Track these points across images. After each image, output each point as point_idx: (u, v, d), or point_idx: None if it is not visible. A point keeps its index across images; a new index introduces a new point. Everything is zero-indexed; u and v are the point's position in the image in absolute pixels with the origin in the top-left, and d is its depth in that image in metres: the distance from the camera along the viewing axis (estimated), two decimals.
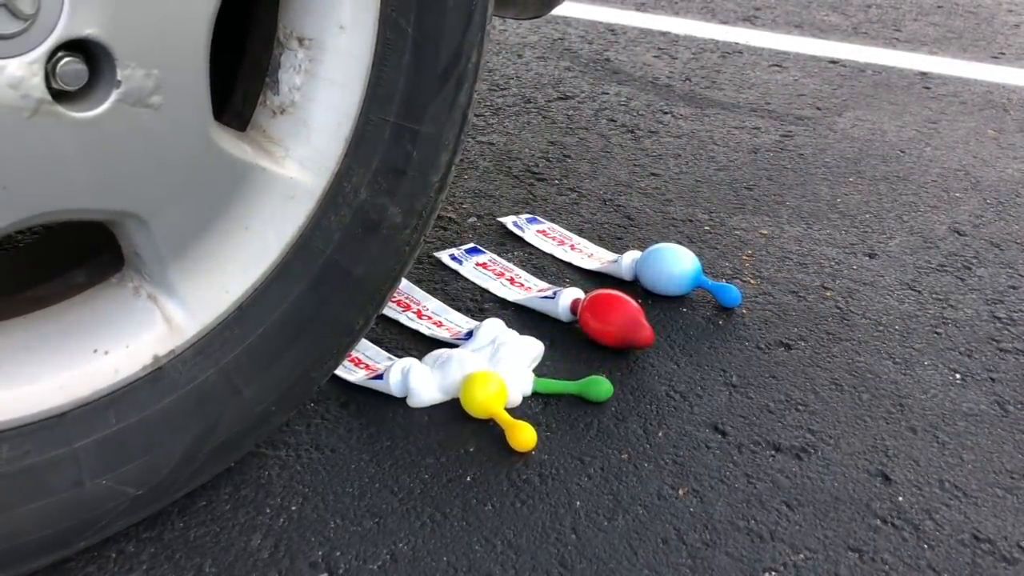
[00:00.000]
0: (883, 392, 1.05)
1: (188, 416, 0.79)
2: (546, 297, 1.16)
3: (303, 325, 0.84)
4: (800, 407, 1.02)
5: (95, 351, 0.74)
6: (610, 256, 1.30)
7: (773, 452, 0.95)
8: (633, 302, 1.09)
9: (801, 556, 0.83)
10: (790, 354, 1.11)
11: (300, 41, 0.80)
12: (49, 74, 0.63)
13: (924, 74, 2.14)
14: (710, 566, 0.82)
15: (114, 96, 0.66)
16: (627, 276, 1.24)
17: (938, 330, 1.17)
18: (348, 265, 0.85)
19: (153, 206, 0.72)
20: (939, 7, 2.72)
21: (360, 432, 0.95)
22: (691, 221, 1.43)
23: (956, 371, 1.09)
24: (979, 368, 1.10)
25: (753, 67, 2.17)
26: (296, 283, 0.82)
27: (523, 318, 1.15)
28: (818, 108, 1.93)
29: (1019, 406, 1.04)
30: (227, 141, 0.75)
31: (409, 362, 1.00)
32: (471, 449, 0.94)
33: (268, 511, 0.85)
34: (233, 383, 0.81)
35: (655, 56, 2.24)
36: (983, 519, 0.88)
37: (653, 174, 1.60)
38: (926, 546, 0.85)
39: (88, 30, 0.63)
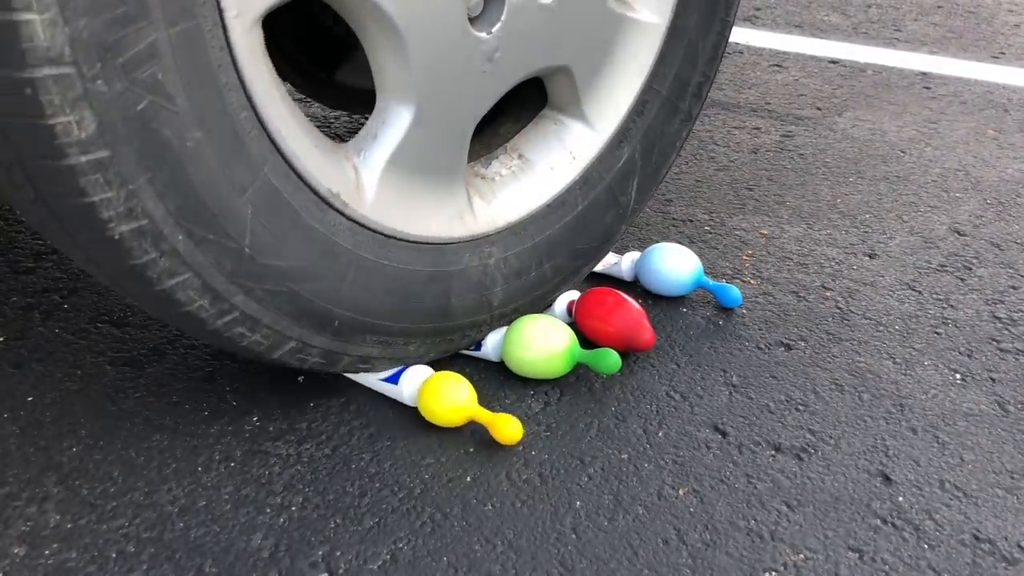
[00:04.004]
0: (883, 392, 1.05)
1: (539, 260, 1.06)
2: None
3: (594, 222, 1.12)
4: (800, 407, 1.02)
5: (551, 169, 1.06)
6: (610, 256, 1.30)
7: (773, 452, 0.95)
8: (636, 304, 1.08)
9: (801, 556, 0.83)
10: (790, 354, 1.11)
11: None
12: None
13: (924, 74, 2.14)
14: (710, 566, 0.82)
15: None
16: (627, 276, 1.24)
17: (938, 330, 1.17)
18: (614, 194, 1.12)
19: (578, 61, 1.03)
20: (939, 7, 2.72)
21: (361, 432, 0.95)
22: (691, 221, 1.43)
23: (956, 371, 1.09)
24: (979, 368, 1.10)
25: (753, 67, 2.17)
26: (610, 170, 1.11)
27: None
28: (818, 108, 1.93)
29: (1019, 406, 1.04)
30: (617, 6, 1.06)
31: (425, 371, 0.99)
32: (471, 449, 0.94)
33: (269, 510, 0.86)
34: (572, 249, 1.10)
35: None
36: (983, 519, 0.88)
37: None
38: (926, 546, 0.85)
39: None
